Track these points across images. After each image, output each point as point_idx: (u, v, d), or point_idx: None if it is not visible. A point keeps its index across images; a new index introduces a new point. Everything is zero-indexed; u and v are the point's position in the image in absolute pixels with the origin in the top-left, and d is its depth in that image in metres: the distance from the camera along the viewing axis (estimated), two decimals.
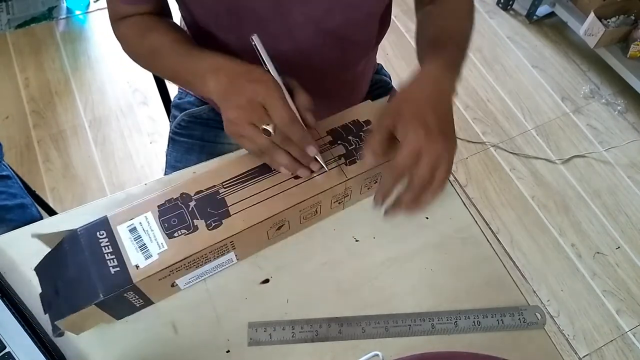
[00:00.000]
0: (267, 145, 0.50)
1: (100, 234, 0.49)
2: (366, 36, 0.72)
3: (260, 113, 0.49)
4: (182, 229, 0.49)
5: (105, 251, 0.47)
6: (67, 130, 1.59)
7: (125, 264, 0.47)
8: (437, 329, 0.53)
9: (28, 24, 1.83)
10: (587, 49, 1.76)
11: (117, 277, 0.46)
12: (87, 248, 0.48)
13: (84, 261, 0.47)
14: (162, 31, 0.62)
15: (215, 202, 0.51)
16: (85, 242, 0.48)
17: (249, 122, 0.50)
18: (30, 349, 0.49)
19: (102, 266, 0.47)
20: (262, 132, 0.49)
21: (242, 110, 0.50)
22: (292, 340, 0.52)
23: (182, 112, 0.84)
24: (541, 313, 0.54)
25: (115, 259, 0.47)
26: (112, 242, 0.48)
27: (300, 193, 0.52)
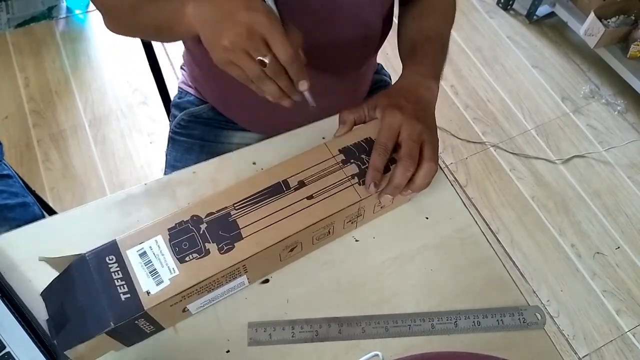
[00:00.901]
0: (258, 74, 0.50)
1: (110, 258, 0.47)
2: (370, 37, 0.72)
3: (259, 43, 0.48)
4: (193, 253, 0.48)
5: (115, 277, 0.46)
6: (67, 130, 1.59)
7: (136, 290, 0.45)
8: (437, 329, 0.53)
9: (28, 24, 1.83)
10: (587, 49, 1.76)
11: (128, 304, 0.45)
12: (96, 273, 0.46)
13: (93, 287, 0.45)
14: None
15: (226, 224, 0.50)
16: (94, 267, 0.46)
17: (242, 50, 0.48)
18: (30, 349, 0.49)
19: (112, 293, 0.45)
20: (256, 62, 0.48)
21: (239, 38, 0.48)
22: (292, 340, 0.52)
23: (181, 112, 0.84)
24: (541, 313, 0.54)
25: (125, 285, 0.46)
26: (121, 267, 0.46)
27: (313, 214, 0.51)
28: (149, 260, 0.47)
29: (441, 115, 1.69)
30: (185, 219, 0.50)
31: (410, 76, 0.60)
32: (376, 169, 0.52)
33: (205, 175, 0.63)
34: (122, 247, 0.48)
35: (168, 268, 0.47)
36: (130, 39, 0.73)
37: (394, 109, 0.54)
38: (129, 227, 0.58)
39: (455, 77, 1.80)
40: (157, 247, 0.48)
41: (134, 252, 0.48)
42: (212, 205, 0.51)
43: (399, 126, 0.53)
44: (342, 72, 0.75)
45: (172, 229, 0.49)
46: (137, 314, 0.45)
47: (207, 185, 0.62)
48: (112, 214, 0.59)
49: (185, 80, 0.87)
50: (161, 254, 0.48)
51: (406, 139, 0.52)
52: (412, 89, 0.58)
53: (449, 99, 1.74)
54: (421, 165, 0.52)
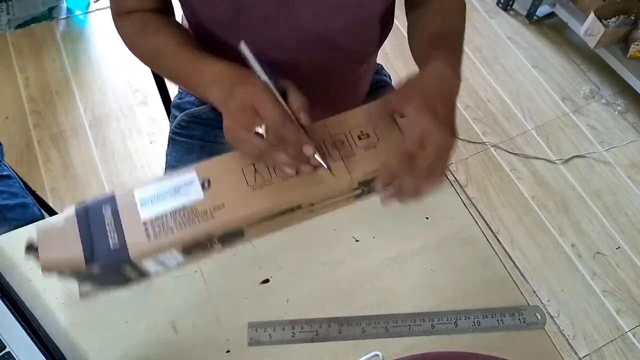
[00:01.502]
0: (264, 147, 0.50)
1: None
2: (369, 36, 0.72)
3: (251, 116, 0.49)
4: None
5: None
6: (67, 130, 1.59)
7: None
8: (437, 329, 0.53)
9: (28, 24, 1.83)
10: (587, 49, 1.76)
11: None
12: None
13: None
14: (167, 32, 0.62)
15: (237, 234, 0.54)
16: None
17: (242, 126, 0.50)
18: (30, 349, 0.49)
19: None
20: (256, 135, 0.49)
21: (235, 115, 0.50)
22: (292, 340, 0.52)
23: (182, 112, 0.84)
24: (541, 313, 0.54)
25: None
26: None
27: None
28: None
29: None
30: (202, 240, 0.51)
31: (440, 66, 0.55)
32: (394, 173, 0.50)
33: None
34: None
35: None
36: None
37: (427, 110, 0.49)
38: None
39: None
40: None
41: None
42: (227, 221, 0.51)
43: (430, 134, 0.48)
44: (341, 72, 0.75)
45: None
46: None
47: None
48: None
49: None
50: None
51: (431, 151, 0.48)
52: (444, 80, 0.53)
53: None
54: (431, 176, 0.50)
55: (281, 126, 0.49)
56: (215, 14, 0.62)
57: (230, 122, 0.50)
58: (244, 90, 0.50)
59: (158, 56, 0.62)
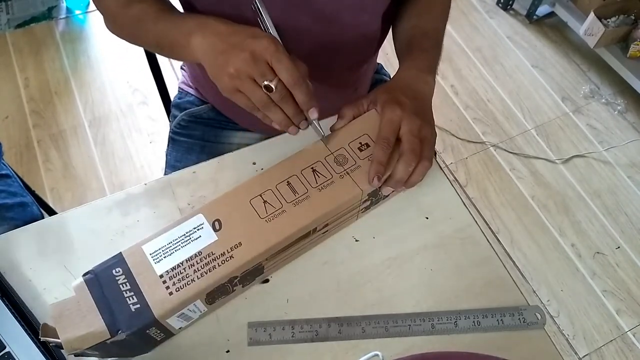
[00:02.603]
0: (265, 101, 0.49)
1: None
2: (370, 36, 0.72)
3: (264, 68, 0.48)
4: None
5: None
6: (67, 130, 1.59)
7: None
8: (437, 329, 0.53)
9: (28, 24, 1.82)
10: (587, 49, 1.76)
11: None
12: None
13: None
14: (149, 1, 0.60)
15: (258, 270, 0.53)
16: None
17: (249, 77, 0.48)
18: (30, 349, 0.49)
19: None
20: (262, 88, 0.48)
21: (245, 64, 0.48)
22: (292, 340, 0.52)
23: (182, 112, 0.84)
24: (541, 313, 0.54)
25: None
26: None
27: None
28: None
29: (441, 115, 1.69)
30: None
31: (407, 70, 0.61)
32: (380, 162, 0.52)
33: (205, 175, 0.63)
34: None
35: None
36: None
37: (393, 104, 0.54)
38: (129, 227, 0.58)
39: (455, 77, 1.80)
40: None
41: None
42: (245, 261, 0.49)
43: (400, 121, 0.53)
44: (343, 72, 0.75)
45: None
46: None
47: (207, 186, 0.62)
48: (112, 214, 0.59)
49: (185, 80, 0.87)
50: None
51: (407, 134, 0.53)
52: (410, 84, 0.58)
53: (449, 99, 1.74)
54: (418, 163, 0.53)
55: (296, 86, 0.48)
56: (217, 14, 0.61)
57: (236, 70, 0.49)
58: (258, 43, 0.48)
59: (140, 23, 0.60)
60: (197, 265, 0.47)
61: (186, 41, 0.53)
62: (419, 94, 0.57)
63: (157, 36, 0.59)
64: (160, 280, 0.46)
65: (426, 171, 0.54)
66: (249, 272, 0.51)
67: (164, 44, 0.59)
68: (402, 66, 0.62)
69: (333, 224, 0.56)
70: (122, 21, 0.63)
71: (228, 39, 0.50)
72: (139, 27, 0.61)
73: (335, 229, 0.58)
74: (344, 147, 0.55)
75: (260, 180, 0.53)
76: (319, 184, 0.53)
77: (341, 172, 0.53)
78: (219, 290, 0.50)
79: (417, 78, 0.59)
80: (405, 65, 0.62)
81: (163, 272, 0.47)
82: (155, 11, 0.59)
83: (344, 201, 0.53)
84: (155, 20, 0.59)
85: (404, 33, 0.68)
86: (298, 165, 0.54)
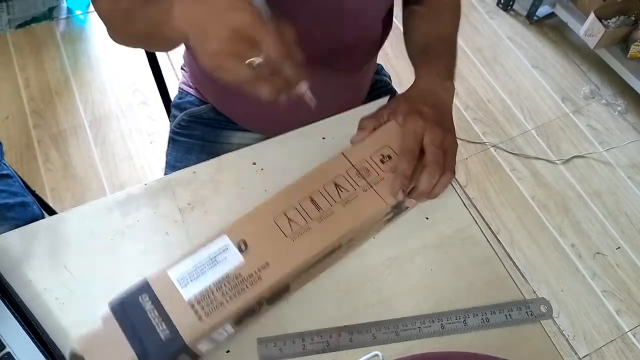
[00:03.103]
0: (251, 76, 0.46)
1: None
2: (372, 38, 0.72)
3: (247, 45, 0.44)
4: None
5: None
6: (67, 130, 1.59)
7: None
8: (447, 329, 0.53)
9: (28, 24, 1.83)
10: (587, 49, 1.76)
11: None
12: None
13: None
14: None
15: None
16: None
17: (231, 54, 0.44)
18: (30, 349, 0.49)
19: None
20: (247, 65, 0.45)
21: (226, 41, 0.44)
22: (303, 353, 0.51)
23: (182, 112, 0.84)
24: (547, 305, 0.54)
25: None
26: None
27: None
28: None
29: None
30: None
31: (426, 77, 0.60)
32: (405, 175, 0.51)
33: (205, 175, 0.63)
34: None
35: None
36: None
37: (415, 114, 0.54)
38: (129, 227, 0.58)
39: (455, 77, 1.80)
40: None
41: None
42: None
43: (422, 132, 0.53)
44: (343, 73, 0.75)
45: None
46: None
47: (207, 186, 0.62)
48: (112, 214, 0.59)
49: (185, 80, 0.88)
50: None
51: (430, 145, 0.52)
52: (430, 91, 0.58)
53: None
54: (441, 174, 0.52)
55: (283, 60, 0.45)
56: None
57: (217, 48, 0.44)
58: (240, 17, 0.44)
59: (128, 14, 0.57)
60: (224, 288, 0.46)
61: (169, 17, 0.48)
62: (439, 102, 0.57)
63: (145, 24, 0.55)
64: (189, 306, 0.46)
65: (449, 182, 0.54)
66: (277, 291, 0.50)
67: (152, 31, 0.54)
68: (420, 73, 0.61)
69: (357, 237, 0.55)
70: (115, 19, 0.60)
71: (207, 8, 0.46)
72: (129, 19, 0.58)
73: (359, 242, 0.58)
74: (366, 160, 0.54)
75: (283, 197, 0.52)
76: (343, 199, 0.52)
77: (364, 185, 0.53)
78: (248, 312, 0.49)
79: (436, 84, 0.59)
80: (423, 71, 0.61)
81: (191, 297, 0.46)
82: (143, 3, 0.55)
83: (369, 216, 0.52)
84: (142, 6, 0.54)
85: (418, 37, 0.67)
86: (319, 180, 0.53)
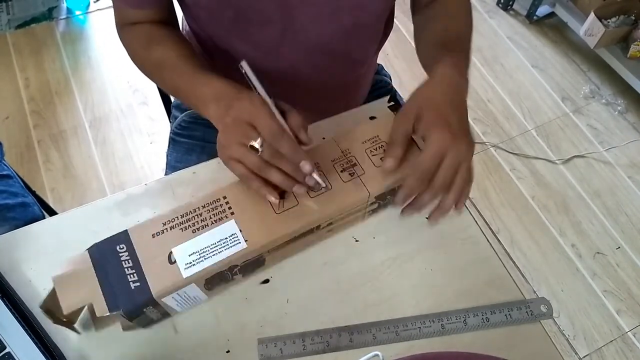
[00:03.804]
0: (258, 164, 0.48)
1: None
2: (371, 37, 0.72)
3: (246, 129, 0.47)
4: None
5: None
6: (67, 130, 1.59)
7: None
8: (447, 329, 0.53)
9: (28, 24, 1.83)
10: (587, 49, 1.76)
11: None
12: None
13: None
14: (169, 45, 0.61)
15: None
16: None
17: (237, 142, 0.48)
18: (30, 349, 0.49)
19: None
20: (250, 150, 0.47)
21: (229, 130, 0.49)
22: (304, 353, 0.51)
23: (182, 113, 0.84)
24: (548, 304, 0.54)
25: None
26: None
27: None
28: None
29: None
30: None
31: (448, 70, 0.55)
32: (411, 193, 0.51)
33: (205, 175, 0.63)
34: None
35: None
36: None
37: (444, 128, 0.49)
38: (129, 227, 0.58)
39: None
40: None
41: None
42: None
43: (446, 148, 0.48)
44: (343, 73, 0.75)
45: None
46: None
47: (207, 186, 0.62)
48: (113, 214, 0.59)
49: None
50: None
51: (447, 167, 0.49)
52: (453, 89, 0.54)
53: None
54: (451, 190, 0.50)
55: (278, 139, 0.46)
56: (217, 19, 0.62)
57: (225, 138, 0.49)
58: (240, 105, 0.49)
59: (159, 69, 0.62)
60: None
61: (204, 110, 0.55)
62: (460, 102, 0.53)
63: (174, 88, 0.62)
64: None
65: (469, 191, 0.52)
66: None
67: (181, 98, 0.62)
68: (440, 66, 0.56)
69: (338, 222, 0.56)
70: (143, 63, 0.65)
71: (228, 105, 0.50)
72: (158, 72, 0.63)
73: (340, 228, 0.58)
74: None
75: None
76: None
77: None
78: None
79: (456, 80, 0.55)
80: (445, 65, 0.56)
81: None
82: (175, 58, 0.60)
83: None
84: (173, 71, 0.59)
85: (434, 36, 0.65)
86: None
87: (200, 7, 0.61)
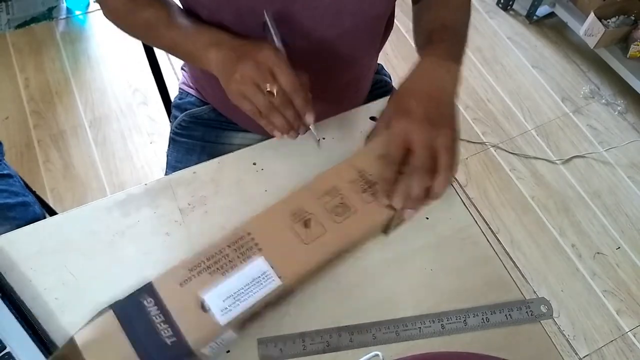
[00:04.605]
0: (266, 106, 0.54)
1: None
2: (372, 39, 0.72)
3: (267, 75, 0.53)
4: None
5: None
6: (67, 130, 1.59)
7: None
8: (447, 329, 0.53)
9: (28, 24, 1.83)
10: (587, 49, 1.76)
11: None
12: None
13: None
14: (157, 5, 0.63)
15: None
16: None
17: (253, 82, 0.53)
18: (30, 349, 0.49)
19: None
20: (265, 93, 0.53)
21: (250, 71, 0.53)
22: (304, 353, 0.51)
23: (182, 113, 0.84)
24: (548, 305, 0.54)
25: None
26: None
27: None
28: None
29: None
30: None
31: (425, 58, 0.56)
32: (384, 180, 0.51)
33: (205, 175, 0.63)
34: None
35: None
36: (131, 40, 0.73)
37: (400, 116, 0.51)
38: (129, 227, 0.58)
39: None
40: None
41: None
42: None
43: (406, 133, 0.49)
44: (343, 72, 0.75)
45: None
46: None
47: (207, 186, 0.62)
48: (113, 214, 0.59)
49: (186, 81, 0.88)
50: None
51: (418, 147, 0.49)
52: (426, 78, 0.54)
53: None
54: (435, 175, 0.49)
55: (294, 91, 0.53)
56: (217, 19, 0.62)
57: (242, 76, 0.53)
58: (263, 53, 0.53)
59: (151, 29, 0.63)
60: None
61: (202, 53, 0.58)
62: (435, 89, 0.53)
63: (171, 43, 0.63)
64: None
65: (448, 182, 0.49)
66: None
67: (178, 51, 0.64)
68: (419, 58, 0.58)
69: (360, 243, 0.57)
70: (132, 24, 0.66)
71: (238, 50, 0.55)
72: (150, 32, 0.64)
73: (359, 248, 0.58)
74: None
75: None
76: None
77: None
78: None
79: (434, 67, 0.55)
80: (422, 55, 0.58)
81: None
82: (167, 17, 0.62)
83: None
84: (167, 27, 0.62)
85: (423, 27, 0.66)
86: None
87: (202, 7, 0.61)
